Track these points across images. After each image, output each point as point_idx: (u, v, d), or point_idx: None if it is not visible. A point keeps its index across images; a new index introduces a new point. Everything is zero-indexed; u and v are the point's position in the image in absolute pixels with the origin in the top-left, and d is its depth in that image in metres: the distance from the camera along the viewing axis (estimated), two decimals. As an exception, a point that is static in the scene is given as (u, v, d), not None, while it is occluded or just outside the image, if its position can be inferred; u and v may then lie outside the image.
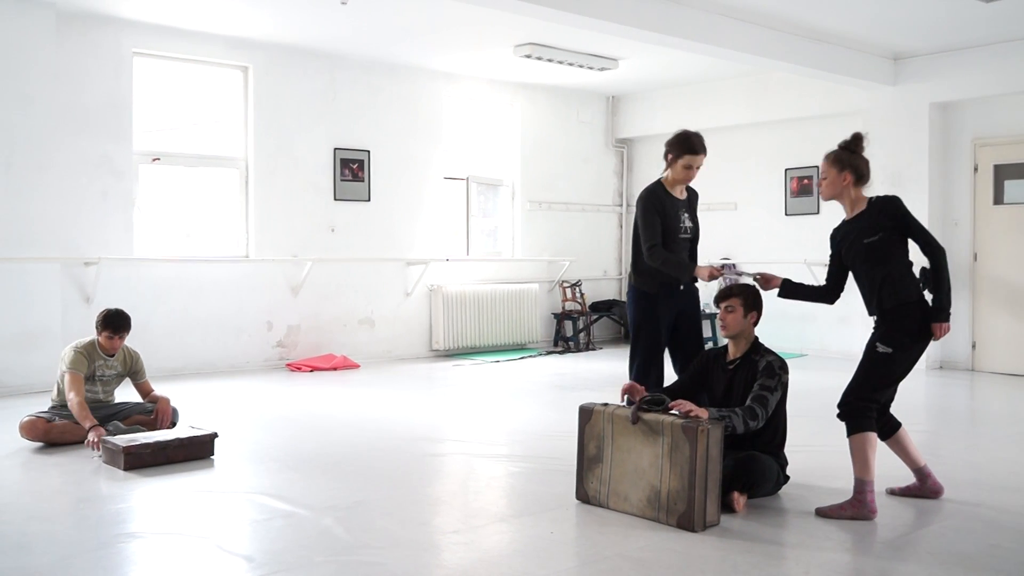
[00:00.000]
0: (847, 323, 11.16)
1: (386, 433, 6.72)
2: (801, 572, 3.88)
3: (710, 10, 8.45)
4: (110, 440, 5.66)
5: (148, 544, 4.24)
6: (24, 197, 8.45)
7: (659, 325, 5.57)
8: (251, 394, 8.52)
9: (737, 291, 5.00)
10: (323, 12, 8.72)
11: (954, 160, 10.50)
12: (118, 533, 4.38)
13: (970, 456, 6.08)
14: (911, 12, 8.61)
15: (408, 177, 11.24)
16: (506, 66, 11.09)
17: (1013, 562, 3.95)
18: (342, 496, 4.96)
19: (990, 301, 10.27)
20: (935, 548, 4.13)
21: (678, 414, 4.49)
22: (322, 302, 10.57)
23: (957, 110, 10.48)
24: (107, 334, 6.29)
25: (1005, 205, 10.12)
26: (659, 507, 4.42)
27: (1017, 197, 10.03)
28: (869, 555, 4.04)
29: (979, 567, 3.87)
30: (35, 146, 8.51)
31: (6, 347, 8.35)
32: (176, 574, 3.84)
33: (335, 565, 3.89)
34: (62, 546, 4.20)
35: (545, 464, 5.71)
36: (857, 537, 4.28)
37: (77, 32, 8.89)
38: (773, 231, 11.96)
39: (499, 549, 4.20)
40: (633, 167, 13.59)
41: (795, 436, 5.46)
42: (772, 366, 4.84)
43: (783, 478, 4.98)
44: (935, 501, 4.90)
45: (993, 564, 3.91)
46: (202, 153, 9.91)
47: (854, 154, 5.04)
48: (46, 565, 3.94)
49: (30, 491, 5.26)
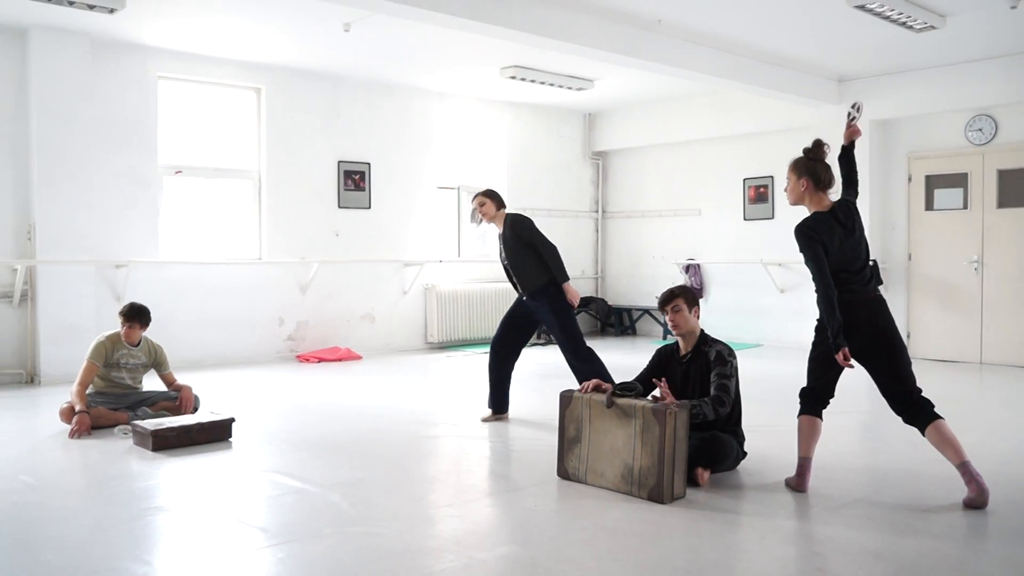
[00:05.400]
0: (799, 316, 11.24)
1: (386, 417, 6.73)
2: (757, 537, 3.92)
3: (676, 36, 8.49)
4: (139, 424, 5.68)
5: (174, 516, 4.24)
6: (62, 206, 8.49)
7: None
8: (264, 383, 8.51)
9: (678, 292, 5.00)
10: (328, 38, 8.72)
11: (891, 171, 10.58)
12: (147, 507, 4.39)
13: (907, 434, 6.12)
14: (854, 40, 8.67)
15: (405, 186, 11.24)
16: (493, 86, 11.10)
17: (940, 524, 4.00)
18: (347, 474, 4.97)
19: (922, 295, 10.34)
20: (871, 514, 4.17)
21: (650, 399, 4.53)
22: (328, 300, 10.56)
23: (894, 127, 10.56)
24: (126, 324, 6.35)
25: (935, 211, 10.21)
26: (632, 482, 4.45)
27: (945, 204, 10.11)
28: (815, 521, 4.08)
29: (908, 530, 3.91)
30: (72, 160, 8.53)
31: (48, 341, 8.39)
32: (199, 543, 3.84)
33: (341, 536, 3.90)
34: (97, 518, 4.20)
35: (529, 445, 5.73)
36: (802, 507, 4.32)
37: (109, 59, 8.89)
38: (733, 234, 12.00)
39: (488, 521, 4.22)
40: (608, 177, 13.61)
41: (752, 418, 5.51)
42: (722, 354, 4.85)
43: (741, 454, 5.01)
44: (874, 472, 4.95)
45: (921, 527, 3.95)
46: (219, 166, 9.89)
47: (813, 161, 4.79)
48: (84, 534, 3.95)
49: (69, 469, 5.26)
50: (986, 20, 8.02)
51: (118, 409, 6.25)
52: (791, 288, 11.38)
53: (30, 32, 8.33)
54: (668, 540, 3.83)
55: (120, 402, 6.33)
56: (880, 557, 3.61)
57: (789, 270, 11.38)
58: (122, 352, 6.39)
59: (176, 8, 7.79)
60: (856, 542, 3.80)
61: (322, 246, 10.49)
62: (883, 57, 9.44)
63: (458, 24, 7.04)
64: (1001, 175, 9.67)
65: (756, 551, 3.79)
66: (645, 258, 13.11)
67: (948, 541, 3.84)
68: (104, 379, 6.36)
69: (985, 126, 9.76)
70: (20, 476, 4.94)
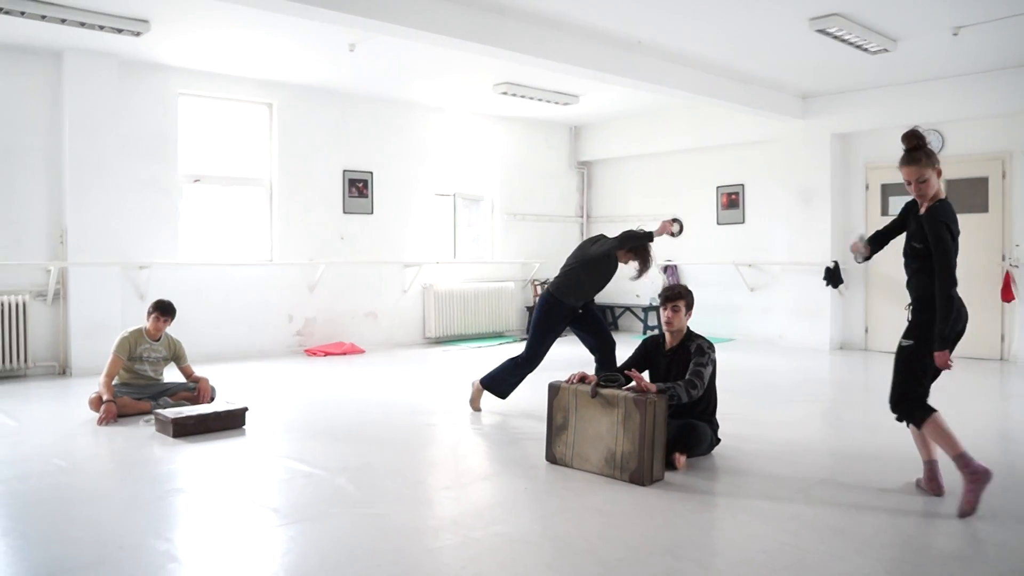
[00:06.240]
0: (768, 313, 11.28)
1: (388, 407, 6.72)
2: (730, 516, 3.93)
3: (655, 56, 8.49)
4: (161, 412, 5.66)
5: (193, 498, 4.23)
6: (92, 212, 8.47)
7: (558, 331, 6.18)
8: (275, 375, 8.48)
9: (684, 293, 4.99)
10: (334, 57, 8.69)
11: (851, 179, 10.61)
12: (169, 488, 4.37)
13: (866, 420, 6.16)
14: (816, 61, 8.69)
15: (405, 194, 11.22)
16: (486, 101, 11.08)
17: (896, 502, 4.02)
18: (352, 459, 4.96)
19: (879, 293, 10.39)
20: (834, 493, 4.19)
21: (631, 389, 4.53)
22: (334, 298, 10.53)
23: (853, 139, 10.59)
24: (155, 316, 6.36)
25: (890, 216, 10.20)
26: (615, 466, 4.45)
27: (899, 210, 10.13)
28: (783, 501, 4.08)
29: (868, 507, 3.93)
30: (100, 171, 8.53)
31: (78, 336, 8.38)
32: (216, 522, 3.83)
33: (348, 516, 3.89)
34: (124, 499, 4.18)
35: (520, 432, 5.73)
36: (771, 488, 4.33)
37: (135, 77, 8.86)
38: (707, 237, 12.02)
39: (483, 502, 4.21)
40: (592, 185, 13.60)
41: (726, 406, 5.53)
42: (702, 347, 4.86)
43: (716, 440, 5.02)
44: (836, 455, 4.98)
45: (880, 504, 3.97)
46: (234, 175, 9.85)
47: (928, 147, 4.16)
48: (111, 514, 3.93)
49: (97, 454, 5.24)
50: (933, 45, 8.06)
51: (141, 399, 6.24)
52: (760, 287, 11.42)
53: (64, 54, 8.33)
54: (649, 519, 3.84)
55: (143, 392, 6.32)
56: (843, 533, 3.62)
57: (758, 270, 11.41)
58: (144, 346, 6.38)
59: (195, 31, 7.77)
60: (821, 519, 3.82)
61: (328, 249, 10.46)
62: (842, 76, 9.47)
63: (454, 44, 7.03)
64: (948, 184, 9.70)
65: (730, 528, 3.80)
66: (626, 259, 13.09)
67: (904, 517, 3.86)
68: (128, 371, 6.35)
69: (933, 139, 9.79)
70: (54, 460, 4.93)
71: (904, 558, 3.39)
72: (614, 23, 7.45)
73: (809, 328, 10.70)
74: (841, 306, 10.63)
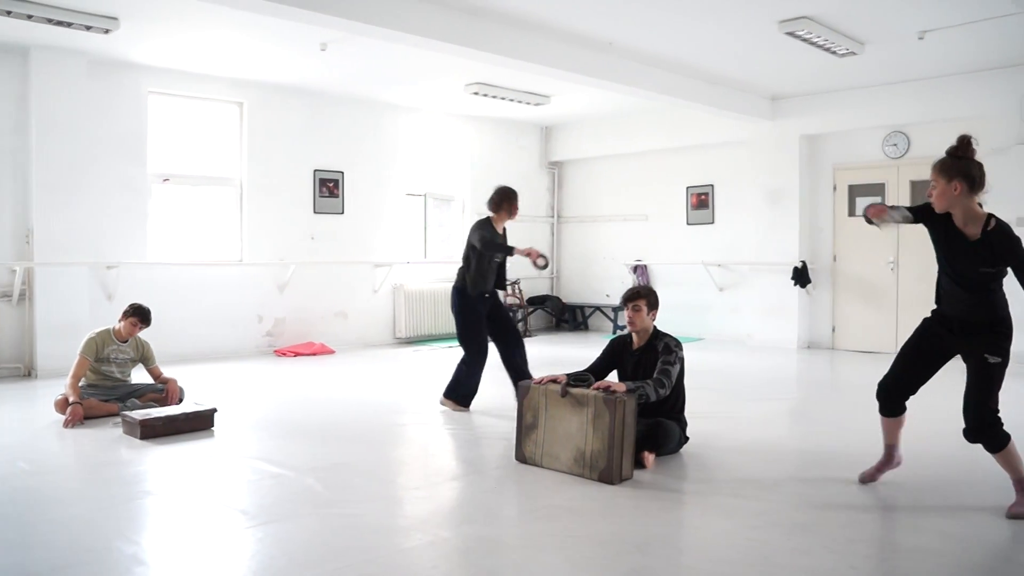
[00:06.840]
0: (737, 312, 11.37)
1: (358, 407, 6.70)
2: (699, 513, 3.96)
3: (626, 58, 8.53)
4: (128, 414, 5.59)
5: (161, 500, 4.18)
6: (59, 212, 8.36)
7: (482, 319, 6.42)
8: (244, 376, 8.41)
9: (644, 293, 5.02)
10: (305, 57, 8.64)
11: (819, 180, 10.72)
12: (137, 490, 4.33)
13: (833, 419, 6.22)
14: (785, 63, 8.77)
15: (375, 194, 11.17)
16: (458, 101, 11.07)
17: (860, 498, 4.07)
18: (322, 459, 4.94)
19: (845, 292, 10.50)
20: (800, 490, 4.23)
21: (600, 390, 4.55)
22: (304, 298, 10.46)
23: (820, 141, 10.70)
24: (133, 320, 6.30)
25: (856, 217, 10.36)
26: (584, 465, 4.47)
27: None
28: (750, 498, 4.12)
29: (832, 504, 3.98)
30: (68, 170, 8.41)
31: (46, 336, 8.26)
32: (184, 524, 3.80)
33: (317, 517, 3.87)
34: (91, 501, 4.14)
35: (490, 431, 5.73)
36: (739, 486, 4.36)
37: (104, 76, 8.75)
38: (677, 237, 12.09)
39: (453, 501, 4.21)
40: (563, 185, 13.63)
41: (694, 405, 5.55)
42: (669, 345, 4.88)
43: (684, 439, 5.04)
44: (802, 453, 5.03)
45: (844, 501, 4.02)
46: (204, 174, 9.75)
47: (963, 160, 3.77)
48: (79, 516, 3.88)
49: (63, 456, 5.17)
50: (899, 49, 8.17)
51: (109, 400, 6.17)
52: (729, 287, 11.50)
53: (31, 51, 8.19)
54: (618, 517, 3.85)
55: (111, 394, 6.24)
56: (810, 529, 3.66)
57: (727, 270, 11.49)
58: (112, 348, 6.31)
59: (166, 29, 7.68)
60: (788, 516, 3.85)
61: (299, 249, 10.39)
62: (811, 79, 9.56)
63: (426, 44, 7.01)
64: (913, 185, 9.84)
65: (698, 525, 3.83)
66: (597, 259, 13.16)
67: (867, 512, 3.92)
68: (95, 373, 6.28)
69: (899, 141, 9.94)
70: (18, 463, 4.85)
71: (870, 553, 3.44)
72: (587, 25, 7.47)
73: (777, 327, 10.80)
74: (808, 305, 10.74)
